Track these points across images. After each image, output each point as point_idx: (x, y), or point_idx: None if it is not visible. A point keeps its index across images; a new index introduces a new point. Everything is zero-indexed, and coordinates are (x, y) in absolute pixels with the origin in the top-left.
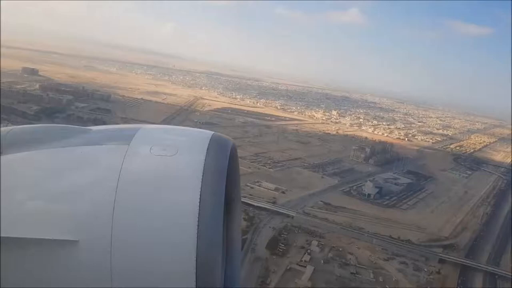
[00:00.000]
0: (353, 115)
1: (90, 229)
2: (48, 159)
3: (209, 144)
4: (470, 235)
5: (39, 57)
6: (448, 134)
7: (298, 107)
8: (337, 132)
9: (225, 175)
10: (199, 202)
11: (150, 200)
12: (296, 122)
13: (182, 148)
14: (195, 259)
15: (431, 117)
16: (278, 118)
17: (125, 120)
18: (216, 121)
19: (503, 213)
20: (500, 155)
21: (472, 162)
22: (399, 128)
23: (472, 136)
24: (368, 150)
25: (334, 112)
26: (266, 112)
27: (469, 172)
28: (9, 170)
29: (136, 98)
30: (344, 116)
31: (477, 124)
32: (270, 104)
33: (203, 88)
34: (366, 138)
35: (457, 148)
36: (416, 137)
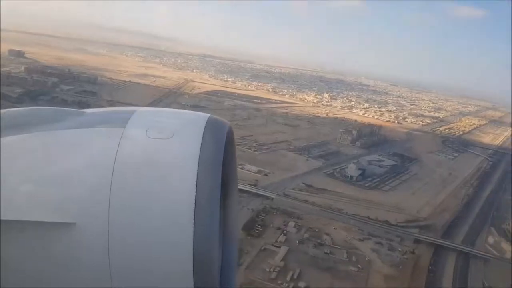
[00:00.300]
0: (345, 98)
1: (87, 212)
2: (43, 142)
3: (205, 126)
4: (449, 216)
5: (30, 39)
6: (439, 117)
7: (290, 90)
8: (327, 115)
9: (221, 158)
10: (196, 185)
11: (146, 183)
12: (286, 105)
13: (178, 131)
14: (192, 243)
15: (424, 99)
16: (268, 101)
17: (111, 103)
18: (204, 104)
19: (485, 194)
20: (489, 138)
21: (460, 145)
22: (390, 111)
23: (463, 119)
24: (355, 133)
25: (326, 95)
26: (257, 95)
27: (456, 154)
28: (5, 153)
29: (124, 81)
30: (336, 99)
31: (469, 106)
32: (261, 87)
33: (194, 70)
34: (355, 121)
35: (446, 130)
36: (406, 119)
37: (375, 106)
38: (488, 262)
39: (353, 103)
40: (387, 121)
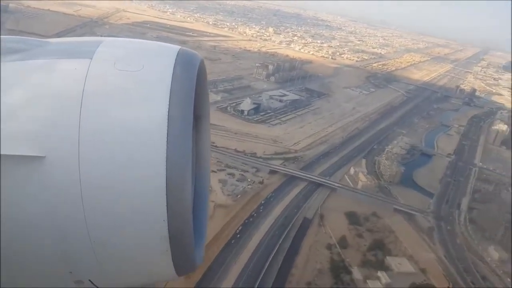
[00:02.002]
0: (290, 33)
1: (57, 144)
2: (6, 73)
3: (176, 59)
4: (323, 149)
5: None
6: (380, 53)
7: (234, 23)
8: (259, 50)
9: (193, 90)
10: (167, 118)
11: (116, 116)
12: (220, 38)
13: (148, 64)
14: (165, 173)
15: (377, 36)
16: (201, 34)
17: (12, 32)
18: (124, 36)
19: (378, 128)
20: (420, 74)
21: (384, 80)
22: (331, 47)
23: (405, 55)
24: (271, 67)
25: (270, 29)
26: (193, 27)
27: (373, 90)
28: None
29: (42, 9)
30: (279, 34)
31: (420, 44)
32: (203, 19)
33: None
34: (287, 56)
35: (380, 66)
36: (342, 55)
37: (318, 41)
38: (334, 191)
39: (295, 38)
40: (321, 56)
